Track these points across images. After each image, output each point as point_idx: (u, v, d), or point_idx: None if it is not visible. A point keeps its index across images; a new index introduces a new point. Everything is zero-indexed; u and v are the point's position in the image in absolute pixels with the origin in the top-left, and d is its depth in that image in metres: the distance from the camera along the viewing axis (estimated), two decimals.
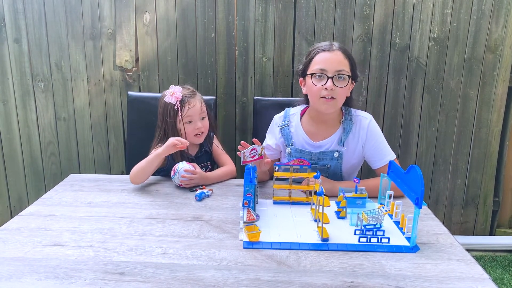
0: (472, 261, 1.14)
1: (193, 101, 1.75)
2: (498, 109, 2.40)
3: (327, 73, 1.54)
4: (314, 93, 1.58)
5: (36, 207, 1.46)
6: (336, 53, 1.56)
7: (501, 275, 2.33)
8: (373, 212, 1.26)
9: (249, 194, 1.31)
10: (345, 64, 1.56)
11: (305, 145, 1.69)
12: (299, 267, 1.10)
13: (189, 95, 1.76)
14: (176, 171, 1.61)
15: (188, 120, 1.74)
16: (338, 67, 1.55)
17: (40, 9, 2.30)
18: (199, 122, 1.76)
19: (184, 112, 1.73)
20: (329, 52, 1.57)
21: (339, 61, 1.55)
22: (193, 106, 1.74)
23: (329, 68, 1.54)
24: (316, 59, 1.58)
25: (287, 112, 1.76)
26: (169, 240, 1.24)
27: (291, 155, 1.69)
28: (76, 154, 2.50)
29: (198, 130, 1.76)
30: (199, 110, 1.76)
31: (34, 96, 2.42)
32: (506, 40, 2.30)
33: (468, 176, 2.51)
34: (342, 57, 1.56)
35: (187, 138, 1.75)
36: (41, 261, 1.12)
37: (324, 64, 1.55)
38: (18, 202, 2.59)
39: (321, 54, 1.57)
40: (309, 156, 1.67)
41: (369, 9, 2.27)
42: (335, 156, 1.65)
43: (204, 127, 1.78)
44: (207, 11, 2.29)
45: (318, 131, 1.69)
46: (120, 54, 2.36)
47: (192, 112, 1.74)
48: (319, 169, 1.66)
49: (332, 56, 1.56)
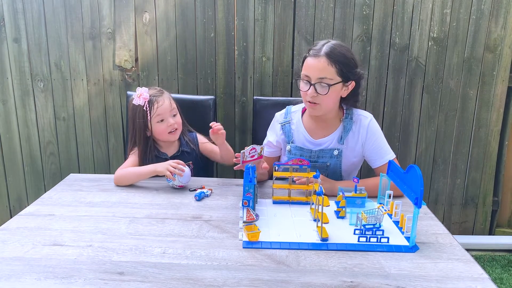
0: (472, 260, 1.14)
1: (161, 99, 1.76)
2: (498, 109, 2.40)
3: (310, 80, 1.56)
4: (302, 96, 1.63)
5: (36, 207, 1.46)
6: (320, 60, 1.54)
7: (500, 274, 2.34)
8: (373, 211, 1.26)
9: (248, 193, 1.31)
10: (329, 71, 1.54)
11: (305, 143, 1.70)
12: (298, 267, 1.10)
13: (157, 94, 1.77)
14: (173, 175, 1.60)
15: (160, 119, 1.75)
16: (319, 74, 1.54)
17: (40, 8, 2.30)
18: (170, 119, 1.77)
19: (153, 111, 1.74)
20: (314, 58, 1.55)
21: (321, 68, 1.54)
22: (161, 104, 1.75)
23: (312, 75, 1.55)
24: (305, 63, 1.59)
25: (288, 110, 1.77)
26: (169, 239, 1.24)
27: (290, 153, 1.70)
28: (76, 153, 2.50)
29: (171, 127, 1.77)
30: (168, 107, 1.76)
31: (34, 96, 2.42)
32: (506, 40, 2.30)
33: (468, 175, 2.51)
34: (326, 64, 1.53)
35: (161, 137, 1.78)
36: (41, 261, 1.12)
37: (308, 71, 1.56)
38: (18, 202, 2.59)
39: (308, 59, 1.58)
40: (309, 154, 1.67)
41: (369, 8, 2.27)
42: (335, 154, 1.66)
43: (177, 123, 1.79)
44: (206, 11, 2.29)
45: (318, 129, 1.69)
46: (120, 53, 2.36)
47: (162, 110, 1.75)
48: (319, 167, 1.66)
49: (315, 64, 1.55)
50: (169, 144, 1.83)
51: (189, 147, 1.85)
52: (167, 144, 1.83)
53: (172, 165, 1.60)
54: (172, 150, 1.83)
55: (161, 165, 1.62)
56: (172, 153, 1.83)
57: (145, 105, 1.73)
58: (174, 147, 1.84)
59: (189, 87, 2.38)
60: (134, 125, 1.77)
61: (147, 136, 1.78)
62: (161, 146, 1.83)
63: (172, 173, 1.58)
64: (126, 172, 1.68)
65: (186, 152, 1.84)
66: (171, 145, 1.84)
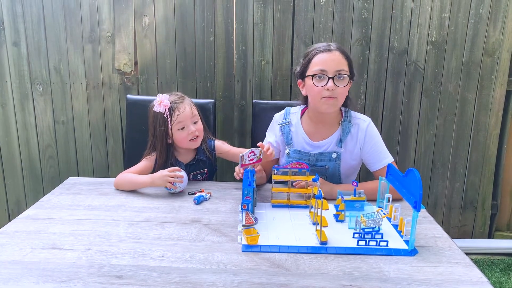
0: (471, 264, 1.14)
1: (182, 106, 1.71)
2: (496, 113, 2.41)
3: (327, 73, 1.56)
4: (315, 93, 1.59)
5: (34, 211, 1.46)
6: (334, 53, 1.58)
7: (500, 278, 2.33)
8: (372, 215, 1.26)
9: (247, 197, 1.31)
10: (344, 63, 1.58)
11: (304, 145, 1.70)
12: (297, 271, 1.10)
13: (178, 101, 1.72)
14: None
15: (180, 126, 1.71)
16: (337, 67, 1.56)
17: (39, 12, 2.31)
18: (192, 126, 1.72)
19: (174, 118, 1.69)
20: (328, 52, 1.58)
21: (338, 61, 1.57)
22: (182, 111, 1.70)
23: (329, 69, 1.56)
24: (315, 60, 1.59)
25: (287, 111, 1.77)
26: (168, 243, 1.24)
27: (289, 156, 1.70)
28: (75, 157, 2.50)
29: (192, 134, 1.72)
30: (189, 114, 1.72)
31: (33, 99, 2.42)
32: (504, 44, 2.31)
33: (467, 179, 2.51)
34: (341, 57, 1.58)
35: (182, 144, 1.74)
36: (39, 264, 1.12)
37: (324, 65, 1.56)
38: (16, 205, 2.58)
39: (320, 55, 1.58)
40: (308, 157, 1.67)
41: (367, 13, 2.28)
42: (333, 157, 1.66)
43: (198, 130, 1.74)
44: (206, 15, 2.30)
45: (317, 131, 1.69)
46: (119, 57, 2.36)
47: (183, 117, 1.70)
48: (318, 170, 1.66)
49: (331, 57, 1.57)
50: (187, 151, 1.78)
51: (205, 155, 1.81)
52: (185, 152, 1.78)
53: (170, 175, 1.57)
54: (189, 158, 1.79)
55: (158, 178, 1.59)
56: (188, 161, 1.79)
57: (166, 112, 1.69)
58: (190, 155, 1.80)
59: (188, 90, 2.38)
60: (154, 132, 1.73)
61: (168, 144, 1.74)
62: (179, 153, 1.79)
63: (172, 183, 1.57)
64: (124, 179, 1.66)
65: (201, 160, 1.80)
66: (188, 153, 1.79)
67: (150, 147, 1.77)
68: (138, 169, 1.73)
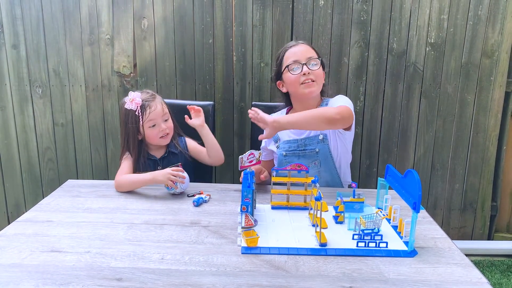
0: (471, 265, 1.14)
1: (154, 104, 1.76)
2: (495, 114, 2.41)
3: (300, 61, 1.71)
4: (294, 82, 1.73)
5: (34, 213, 1.45)
6: (301, 45, 1.75)
7: (500, 280, 2.33)
8: (371, 216, 1.26)
9: (247, 199, 1.31)
10: (312, 52, 1.75)
11: (290, 133, 1.78)
12: (297, 272, 1.10)
13: (149, 99, 1.77)
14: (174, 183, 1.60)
15: (152, 123, 1.76)
16: (307, 54, 1.72)
17: (38, 15, 2.31)
18: (162, 124, 1.78)
19: (146, 116, 1.74)
20: (295, 46, 1.75)
21: (306, 50, 1.74)
22: (154, 109, 1.75)
23: (301, 58, 1.71)
24: (286, 55, 1.75)
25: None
26: (167, 245, 1.24)
27: (279, 148, 1.78)
28: (74, 159, 2.50)
29: (163, 132, 1.78)
30: (160, 112, 1.77)
31: (32, 102, 2.42)
32: (503, 45, 2.31)
33: (466, 180, 2.51)
34: (308, 47, 1.75)
35: (152, 141, 1.80)
36: (38, 267, 1.11)
37: (295, 56, 1.72)
38: (16, 208, 2.58)
39: (289, 50, 1.75)
40: (296, 144, 1.75)
41: (366, 14, 2.29)
42: (320, 139, 1.72)
43: (169, 128, 1.80)
44: (205, 17, 2.30)
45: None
46: (118, 59, 2.36)
47: (154, 115, 1.75)
48: (309, 154, 1.73)
49: (299, 48, 1.74)
50: (157, 146, 1.84)
51: (177, 149, 1.86)
52: (156, 147, 1.84)
53: (172, 173, 1.59)
54: (160, 152, 1.85)
55: (161, 174, 1.61)
56: (160, 155, 1.84)
57: (138, 110, 1.73)
58: (162, 149, 1.85)
59: (187, 92, 2.38)
60: (126, 129, 1.78)
61: (139, 140, 1.79)
62: (150, 148, 1.84)
63: (173, 181, 1.58)
64: (126, 180, 1.68)
65: (173, 153, 1.85)
66: (160, 148, 1.85)
67: (123, 146, 1.81)
68: (125, 170, 1.75)
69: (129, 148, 1.79)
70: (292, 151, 1.75)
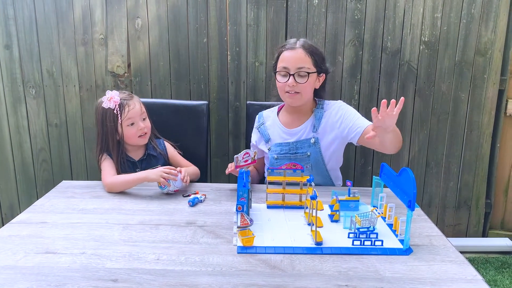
0: (465, 262, 1.15)
1: (132, 103, 1.75)
2: (489, 112, 2.42)
3: (289, 70, 1.65)
4: (280, 88, 1.71)
5: (28, 215, 1.44)
6: (297, 51, 1.66)
7: (494, 276, 2.35)
8: (366, 215, 1.26)
9: (242, 198, 1.31)
10: (306, 61, 1.65)
11: (282, 135, 1.77)
12: (293, 271, 1.10)
13: (127, 98, 1.76)
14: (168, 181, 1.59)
15: (130, 122, 1.74)
16: (298, 64, 1.64)
17: (31, 15, 2.29)
18: (141, 122, 1.77)
19: (124, 114, 1.73)
20: (291, 50, 1.66)
21: (300, 58, 1.65)
22: (133, 107, 1.74)
23: (291, 66, 1.65)
24: (281, 57, 1.69)
25: (260, 114, 1.89)
26: (163, 246, 1.23)
27: (271, 151, 1.77)
28: (68, 160, 2.48)
29: (141, 131, 1.77)
30: (139, 111, 1.76)
31: (25, 103, 2.40)
32: (496, 44, 2.33)
33: (460, 178, 2.52)
34: (303, 54, 1.65)
35: (131, 141, 1.77)
36: (33, 269, 1.11)
37: (286, 63, 1.66)
38: (10, 210, 2.56)
39: (285, 53, 1.68)
40: (288, 147, 1.73)
41: (360, 13, 2.29)
42: (312, 142, 1.70)
43: (147, 127, 1.79)
44: (199, 16, 2.29)
45: (292, 120, 1.77)
46: (112, 59, 2.35)
47: (133, 113, 1.74)
48: (300, 158, 1.71)
49: (293, 55, 1.66)
50: (136, 148, 1.82)
51: (156, 151, 1.85)
52: (134, 148, 1.82)
53: (165, 171, 1.59)
54: (139, 154, 1.83)
55: (153, 172, 1.61)
56: (139, 157, 1.82)
57: (116, 108, 1.72)
58: (140, 151, 1.84)
59: (182, 92, 2.38)
60: (103, 129, 1.75)
61: (117, 140, 1.77)
62: (128, 150, 1.81)
63: (166, 179, 1.58)
64: (118, 180, 1.66)
65: (153, 156, 1.84)
66: (138, 149, 1.83)
67: (100, 146, 1.78)
68: (112, 171, 1.72)
69: (108, 149, 1.76)
70: (284, 154, 1.74)
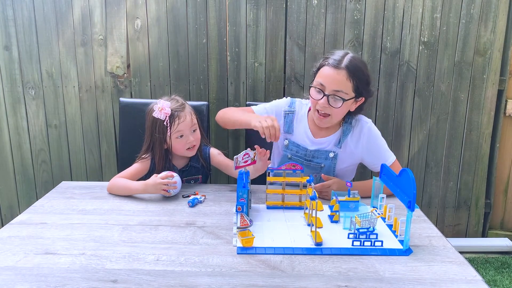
0: (465, 263, 1.15)
1: (183, 115, 1.67)
2: (488, 112, 2.43)
3: (325, 90, 1.55)
4: (312, 103, 1.63)
5: (27, 215, 1.44)
6: (340, 72, 1.53)
7: (494, 276, 2.35)
8: (366, 215, 1.26)
9: (242, 199, 1.31)
10: (346, 85, 1.54)
11: (305, 139, 1.70)
12: (293, 272, 1.10)
13: (179, 108, 1.67)
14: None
15: (179, 134, 1.67)
16: (336, 87, 1.54)
17: (31, 16, 2.29)
18: (190, 136, 1.69)
19: (174, 127, 1.65)
20: (334, 69, 1.54)
21: (339, 81, 1.53)
22: (183, 120, 1.66)
23: (328, 86, 1.54)
24: (321, 71, 1.58)
25: (292, 101, 1.76)
26: (162, 246, 1.23)
27: (287, 148, 1.71)
28: (68, 161, 2.48)
29: (190, 144, 1.69)
30: (189, 123, 1.68)
31: (25, 103, 2.40)
32: (495, 44, 2.33)
33: (460, 178, 2.53)
34: (345, 77, 1.53)
35: (178, 152, 1.71)
36: (33, 270, 1.11)
37: (325, 80, 1.55)
38: (9, 211, 2.56)
39: (326, 69, 1.56)
40: (304, 152, 1.68)
41: (360, 14, 2.29)
42: (330, 156, 1.66)
43: (196, 140, 1.71)
44: (198, 17, 2.30)
45: (320, 129, 1.69)
46: (111, 60, 2.35)
47: (183, 126, 1.66)
48: (313, 167, 1.67)
49: (334, 75, 1.53)
50: (181, 157, 1.76)
51: (199, 163, 1.79)
52: (179, 157, 1.75)
53: (163, 182, 1.55)
54: (182, 163, 1.77)
55: (151, 185, 1.57)
56: (182, 166, 1.76)
57: (166, 120, 1.64)
58: (184, 160, 1.77)
59: (181, 93, 2.37)
60: (152, 137, 1.70)
61: (164, 149, 1.71)
62: (173, 158, 1.75)
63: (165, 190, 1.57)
64: (117, 184, 1.64)
65: (195, 167, 1.78)
66: (183, 158, 1.77)
67: (145, 150, 1.74)
68: (131, 172, 1.70)
69: (154, 157, 1.71)
70: (298, 158, 1.69)
